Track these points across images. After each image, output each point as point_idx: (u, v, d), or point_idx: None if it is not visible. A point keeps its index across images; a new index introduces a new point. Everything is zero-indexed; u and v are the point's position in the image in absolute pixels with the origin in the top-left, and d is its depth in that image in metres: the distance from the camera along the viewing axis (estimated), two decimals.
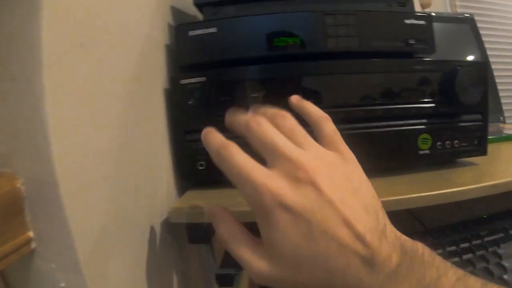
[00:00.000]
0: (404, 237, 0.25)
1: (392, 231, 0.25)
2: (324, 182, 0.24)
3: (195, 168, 0.47)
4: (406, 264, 0.23)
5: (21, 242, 0.28)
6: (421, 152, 0.49)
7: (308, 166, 0.25)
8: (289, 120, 0.28)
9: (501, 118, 0.74)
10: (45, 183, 0.28)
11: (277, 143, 0.26)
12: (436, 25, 0.76)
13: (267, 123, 0.28)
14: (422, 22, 0.51)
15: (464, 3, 1.32)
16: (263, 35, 0.47)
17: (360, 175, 0.28)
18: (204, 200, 0.45)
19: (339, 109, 0.47)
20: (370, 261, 0.23)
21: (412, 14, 0.51)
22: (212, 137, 0.31)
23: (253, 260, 0.25)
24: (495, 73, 0.75)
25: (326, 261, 0.23)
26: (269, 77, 0.46)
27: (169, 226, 0.45)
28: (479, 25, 0.78)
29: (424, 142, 0.49)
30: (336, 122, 0.46)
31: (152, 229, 0.42)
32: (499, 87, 0.75)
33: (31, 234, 0.29)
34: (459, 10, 1.25)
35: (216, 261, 0.48)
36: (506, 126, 0.73)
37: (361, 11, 0.48)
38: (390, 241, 0.24)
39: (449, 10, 1.24)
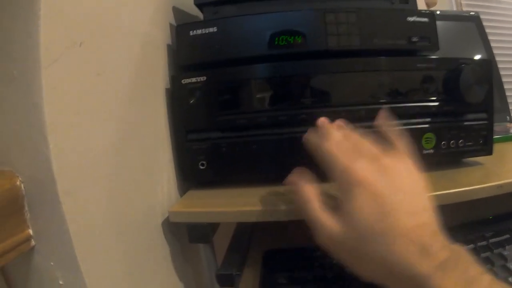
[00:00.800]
0: (447, 239, 0.29)
1: (440, 231, 0.29)
2: (399, 177, 0.30)
3: (196, 168, 0.47)
4: (453, 259, 0.26)
5: (20, 239, 0.29)
6: (425, 151, 0.49)
7: (388, 162, 0.31)
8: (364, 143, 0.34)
9: (508, 117, 0.73)
10: (44, 182, 0.28)
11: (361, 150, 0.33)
12: (441, 24, 0.76)
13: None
14: (425, 19, 0.51)
15: (470, 2, 1.31)
16: (264, 34, 0.47)
17: (422, 181, 0.32)
18: (205, 200, 0.45)
19: (341, 108, 0.47)
20: (426, 251, 0.26)
21: (415, 11, 0.50)
22: (312, 135, 0.37)
23: (327, 221, 0.30)
24: (502, 72, 0.74)
25: (389, 240, 0.27)
26: (271, 77, 0.46)
27: (170, 225, 0.45)
28: (484, 23, 0.77)
29: (428, 142, 0.49)
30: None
31: (152, 228, 0.43)
32: (506, 86, 0.74)
33: (30, 231, 0.30)
34: (465, 9, 1.24)
35: (217, 261, 0.48)
36: None
37: (363, 8, 0.48)
38: (440, 239, 0.28)
39: (454, 9, 1.23)
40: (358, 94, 0.47)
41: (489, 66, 0.51)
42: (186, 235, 0.44)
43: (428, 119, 0.49)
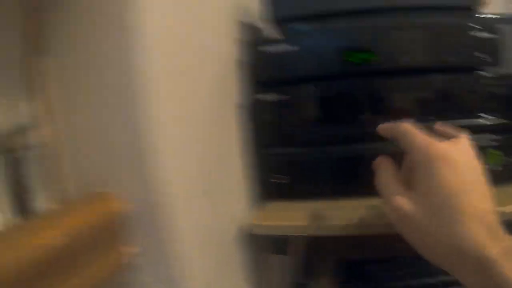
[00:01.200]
0: None
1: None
2: (475, 159, 0.32)
3: (271, 181, 0.49)
4: None
5: (122, 257, 0.31)
6: (489, 167, 0.51)
7: (465, 144, 0.33)
8: None
9: None
10: (152, 205, 0.31)
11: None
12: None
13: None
14: (492, 35, 0.52)
15: None
16: (338, 52, 0.48)
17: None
18: (284, 213, 0.47)
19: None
20: (495, 235, 0.27)
21: (483, 28, 0.51)
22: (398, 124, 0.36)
23: (400, 197, 0.31)
24: None
25: (463, 218, 0.28)
26: (347, 94, 0.48)
27: (247, 236, 0.47)
28: None
29: (493, 157, 0.51)
30: None
31: (231, 240, 0.44)
32: None
33: (132, 249, 0.32)
34: None
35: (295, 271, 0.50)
36: None
37: (433, 24, 0.49)
38: (502, 228, 0.29)
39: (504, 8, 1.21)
40: (429, 111, 0.49)
41: None
42: (260, 246, 0.46)
43: (493, 136, 0.50)
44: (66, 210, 0.29)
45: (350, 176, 0.49)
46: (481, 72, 0.52)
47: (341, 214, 0.45)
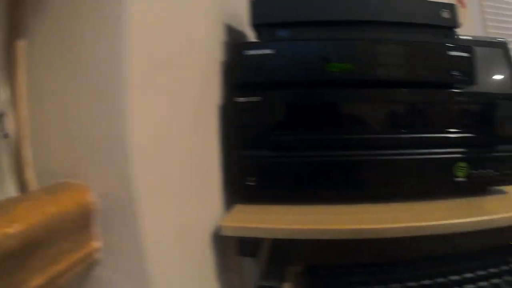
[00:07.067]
0: None
1: None
2: None
3: (245, 184, 0.52)
4: None
5: (89, 252, 0.32)
6: (457, 179, 0.56)
7: None
8: None
9: None
10: (122, 199, 0.32)
11: None
12: None
13: None
14: (466, 54, 0.57)
15: (496, 24, 1.38)
16: (318, 60, 0.52)
17: None
18: (254, 216, 0.51)
19: (384, 136, 0.53)
20: None
21: (458, 46, 0.56)
22: None
23: None
24: None
25: None
26: (322, 101, 0.52)
27: (217, 237, 0.50)
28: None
29: (461, 170, 0.56)
30: (380, 147, 0.53)
31: (204, 240, 0.47)
32: None
33: (97, 245, 0.33)
34: (491, 31, 1.31)
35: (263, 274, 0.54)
36: None
37: (411, 41, 0.54)
38: None
39: (480, 31, 1.30)
40: (401, 123, 0.54)
41: None
42: (232, 247, 0.49)
43: (462, 149, 0.55)
44: (26, 199, 0.28)
45: (320, 181, 0.53)
46: (454, 90, 0.57)
47: (310, 219, 0.49)
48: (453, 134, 0.55)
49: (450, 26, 0.59)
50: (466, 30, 0.91)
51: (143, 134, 0.33)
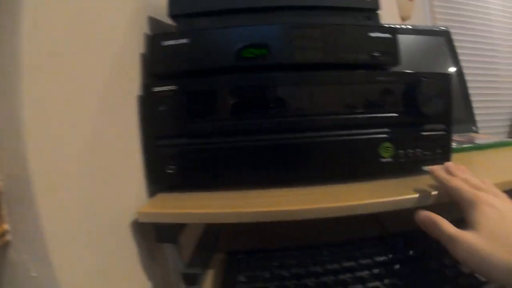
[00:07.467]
0: None
1: None
2: (509, 201, 0.43)
3: (165, 172, 0.53)
4: None
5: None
6: (383, 160, 0.55)
7: (500, 193, 0.44)
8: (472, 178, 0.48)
9: (474, 128, 0.80)
10: (21, 180, 0.33)
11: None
12: (412, 38, 0.83)
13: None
14: (387, 35, 0.58)
15: (445, 16, 1.40)
16: (231, 46, 0.53)
17: None
18: (172, 202, 0.51)
19: (302, 118, 0.53)
20: None
21: (377, 27, 0.57)
22: (441, 173, 0.49)
23: (465, 235, 0.39)
24: (471, 85, 0.81)
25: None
26: (236, 87, 0.52)
27: (139, 226, 0.50)
28: (460, 37, 0.85)
29: (386, 151, 0.55)
30: (300, 130, 0.53)
31: (122, 228, 0.48)
32: (474, 98, 0.81)
33: (7, 227, 0.34)
34: (440, 23, 1.33)
35: (183, 261, 0.53)
36: (479, 136, 0.79)
37: (327, 24, 0.55)
38: None
39: (429, 23, 1.32)
40: (319, 105, 0.54)
41: (447, 80, 0.58)
42: (153, 235, 0.49)
43: (386, 129, 0.55)
44: None
45: (238, 167, 0.52)
46: (377, 70, 0.57)
47: (225, 203, 0.49)
48: (377, 114, 0.55)
49: (371, 9, 0.60)
50: (416, 22, 0.92)
51: (37, 118, 0.34)
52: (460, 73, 0.81)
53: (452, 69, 0.81)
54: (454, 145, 0.74)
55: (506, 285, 0.37)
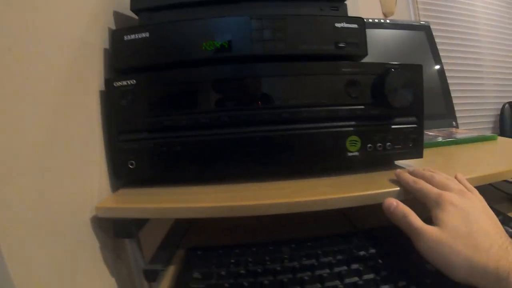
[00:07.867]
0: None
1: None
2: (475, 199, 0.44)
3: (126, 167, 0.52)
4: None
5: None
6: (350, 154, 0.54)
7: (465, 191, 0.44)
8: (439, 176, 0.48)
9: (454, 123, 0.79)
10: None
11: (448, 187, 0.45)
12: (392, 32, 0.82)
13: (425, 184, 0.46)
14: (354, 25, 0.56)
15: (428, 13, 1.39)
16: (192, 39, 0.53)
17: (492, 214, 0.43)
18: (131, 197, 0.50)
19: (266, 111, 0.52)
20: (505, 249, 0.36)
21: (343, 18, 0.56)
22: (405, 176, 0.49)
23: (428, 229, 0.40)
24: (451, 81, 0.80)
25: (476, 239, 0.38)
26: (195, 81, 0.52)
27: (100, 222, 0.49)
28: (444, 34, 0.83)
29: (353, 144, 0.54)
30: (264, 123, 0.52)
31: (81, 224, 0.47)
32: (455, 94, 0.80)
33: None
34: (423, 19, 1.31)
35: (145, 257, 0.53)
36: (459, 131, 0.77)
37: (289, 15, 0.54)
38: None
39: (413, 18, 1.31)
40: (283, 97, 0.53)
41: (418, 70, 0.56)
42: (114, 230, 0.48)
43: (353, 122, 0.54)
44: None
45: (199, 161, 0.52)
46: (343, 62, 0.56)
47: (184, 198, 0.48)
48: (342, 106, 0.54)
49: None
50: (399, 19, 0.91)
51: None
52: (440, 67, 0.79)
53: (432, 64, 0.80)
54: (436, 139, 0.73)
55: (466, 283, 0.37)
